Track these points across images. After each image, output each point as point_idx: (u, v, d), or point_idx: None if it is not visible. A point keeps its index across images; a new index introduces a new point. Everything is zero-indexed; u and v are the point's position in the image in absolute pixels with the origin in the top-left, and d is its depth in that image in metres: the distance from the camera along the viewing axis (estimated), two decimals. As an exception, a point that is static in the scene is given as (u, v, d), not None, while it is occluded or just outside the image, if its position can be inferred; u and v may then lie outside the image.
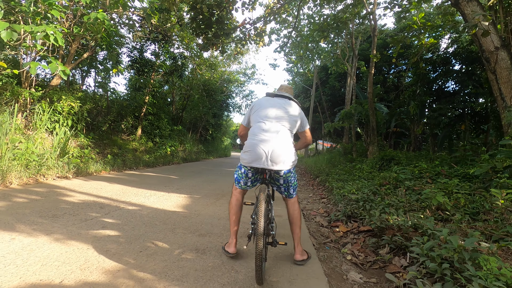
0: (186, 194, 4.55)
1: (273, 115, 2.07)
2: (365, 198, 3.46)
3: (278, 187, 2.16)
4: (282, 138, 2.02)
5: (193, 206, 3.75)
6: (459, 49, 8.26)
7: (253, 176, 2.11)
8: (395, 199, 3.23)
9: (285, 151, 1.99)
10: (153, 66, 13.39)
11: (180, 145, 15.22)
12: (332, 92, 19.61)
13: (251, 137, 2.05)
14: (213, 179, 6.75)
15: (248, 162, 2.02)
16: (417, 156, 7.70)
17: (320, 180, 6.59)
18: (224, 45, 10.43)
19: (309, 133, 2.31)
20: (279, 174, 2.05)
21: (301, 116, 2.19)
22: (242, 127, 2.34)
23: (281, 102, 2.16)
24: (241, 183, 2.14)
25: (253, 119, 2.14)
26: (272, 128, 2.03)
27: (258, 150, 1.96)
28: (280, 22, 14.42)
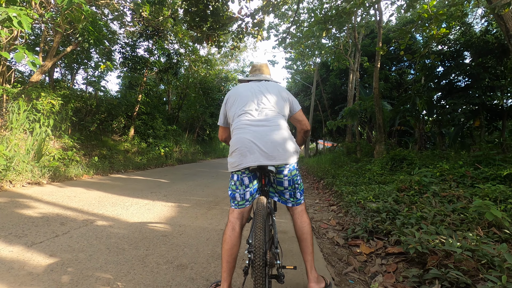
0: (174, 202, 3.91)
1: (256, 102, 1.66)
2: (387, 208, 2.83)
3: (281, 194, 1.67)
4: (276, 126, 1.60)
5: (179, 219, 3.11)
6: (474, 39, 7.64)
7: (251, 182, 1.58)
8: (427, 210, 2.61)
9: (283, 140, 1.56)
10: (146, 63, 12.76)
11: (175, 146, 14.58)
12: (333, 90, 18.99)
13: (235, 133, 1.62)
14: (207, 183, 6.11)
15: (238, 164, 1.54)
16: (430, 155, 7.08)
17: (326, 183, 5.96)
18: (220, 39, 9.80)
19: (303, 115, 1.85)
20: (283, 174, 1.58)
21: (289, 96, 1.77)
22: (221, 128, 1.88)
23: (260, 84, 1.75)
24: (237, 199, 1.60)
25: (231, 114, 1.70)
26: (259, 116, 1.62)
27: (247, 144, 1.52)
28: (279, 16, 13.83)
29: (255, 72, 1.90)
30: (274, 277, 1.39)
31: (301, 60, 19.65)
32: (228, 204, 3.98)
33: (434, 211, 2.63)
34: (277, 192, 1.69)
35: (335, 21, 9.98)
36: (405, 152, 6.76)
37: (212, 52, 22.36)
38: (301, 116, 1.83)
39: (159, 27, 11.07)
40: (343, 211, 3.73)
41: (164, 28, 11.34)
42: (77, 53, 9.12)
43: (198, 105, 19.00)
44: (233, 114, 1.68)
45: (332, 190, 5.40)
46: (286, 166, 1.58)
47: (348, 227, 2.94)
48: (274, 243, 1.48)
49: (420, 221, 2.44)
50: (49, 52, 7.57)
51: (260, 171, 1.56)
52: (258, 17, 8.74)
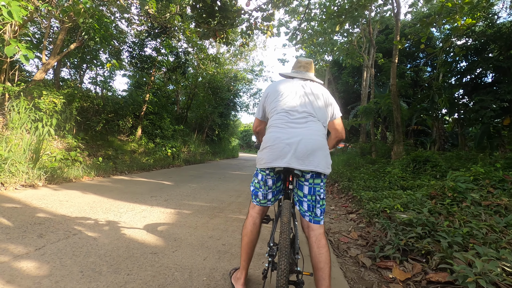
0: (173, 209, 3.53)
1: (297, 104, 1.57)
2: (422, 220, 2.36)
3: (300, 203, 1.54)
4: (314, 131, 1.52)
5: (176, 229, 2.72)
6: (504, 29, 6.99)
7: (274, 184, 1.57)
8: (475, 225, 2.12)
9: (318, 146, 1.47)
10: (154, 62, 12.54)
11: (183, 146, 14.33)
12: (345, 89, 18.37)
13: (270, 130, 1.58)
14: (213, 186, 5.73)
15: (267, 162, 1.49)
16: (456, 157, 6.49)
17: (341, 187, 5.48)
18: (228, 36, 9.43)
19: (342, 124, 1.74)
20: (305, 178, 1.48)
21: (332, 101, 1.68)
22: (257, 121, 1.81)
23: (304, 84, 1.65)
24: (259, 197, 1.60)
25: (270, 109, 1.65)
26: (298, 118, 1.54)
27: (280, 144, 1.47)
28: (289, 13, 13.37)
29: (299, 68, 1.77)
30: (293, 283, 1.35)
31: (312, 58, 19.12)
32: (233, 211, 3.58)
33: (482, 225, 2.15)
34: (297, 201, 1.56)
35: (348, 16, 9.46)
36: (428, 153, 6.20)
37: (221, 51, 22.10)
38: (340, 124, 1.73)
39: (166, 24, 10.80)
40: (364, 220, 3.26)
41: (171, 25, 11.06)
42: (83, 51, 8.93)
43: (207, 105, 18.73)
44: (272, 110, 1.63)
45: (348, 195, 4.92)
46: (312, 172, 1.47)
47: (374, 242, 2.48)
48: (294, 248, 1.40)
49: (468, 239, 1.96)
50: (53, 50, 7.39)
51: (286, 173, 1.50)
52: (267, 11, 8.31)
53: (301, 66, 1.78)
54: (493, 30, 7.71)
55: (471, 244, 1.88)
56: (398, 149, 8.03)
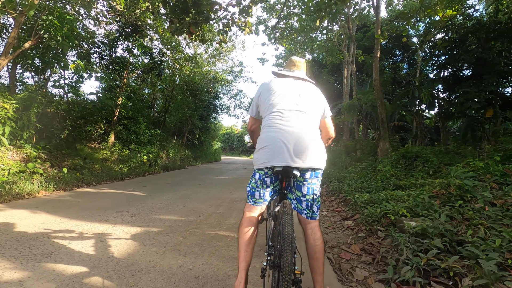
0: (141, 227, 2.96)
1: (290, 102, 1.57)
2: (439, 229, 1.96)
3: (298, 201, 1.58)
4: (308, 129, 1.53)
5: (137, 256, 2.17)
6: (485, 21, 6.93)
7: (272, 183, 1.57)
8: (506, 233, 1.74)
9: (313, 144, 1.49)
10: (126, 63, 11.76)
11: (161, 152, 13.56)
12: (326, 87, 18.21)
13: (265, 130, 1.55)
14: (191, 194, 5.16)
15: (265, 162, 1.48)
16: (444, 151, 6.30)
17: (331, 189, 5.08)
18: (204, 32, 8.89)
19: (332, 123, 1.82)
20: (304, 178, 1.51)
21: (324, 100, 1.73)
22: (252, 119, 1.81)
23: (296, 84, 1.66)
24: (255, 196, 1.58)
25: (264, 108, 1.63)
26: (292, 117, 1.53)
27: (277, 143, 1.47)
28: (267, 10, 13.00)
29: (292, 67, 1.78)
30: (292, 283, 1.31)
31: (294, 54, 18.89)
32: (212, 226, 3.05)
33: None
34: (294, 199, 1.61)
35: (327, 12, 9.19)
36: (417, 149, 5.96)
37: (198, 52, 21.44)
38: (330, 123, 1.80)
39: (137, 22, 10.09)
40: (363, 229, 2.84)
41: (142, 23, 10.36)
42: (44, 52, 8.07)
43: (186, 108, 18.01)
44: (265, 109, 1.63)
45: (340, 197, 4.53)
46: (309, 170, 1.52)
47: (381, 258, 2.05)
48: (292, 248, 1.35)
49: (504, 252, 1.57)
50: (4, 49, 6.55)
51: (284, 173, 1.52)
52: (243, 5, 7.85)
53: (294, 65, 1.78)
54: (472, 22, 7.67)
55: (510, 261, 1.49)
56: (384, 145, 7.80)
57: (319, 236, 1.55)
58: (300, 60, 1.81)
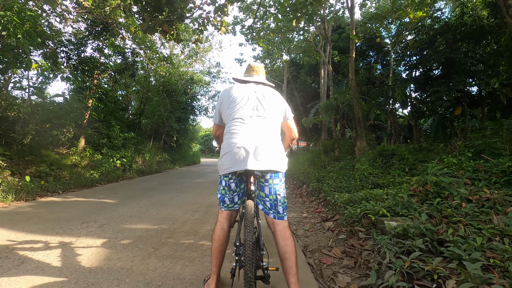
0: (108, 238, 2.72)
1: (250, 108, 1.62)
2: (420, 229, 1.91)
3: (264, 202, 1.63)
4: (268, 133, 1.60)
5: (99, 277, 1.95)
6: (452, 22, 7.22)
7: (238, 187, 1.64)
8: (486, 231, 1.71)
9: (273, 147, 1.57)
10: (96, 64, 11.18)
11: (137, 156, 13.03)
12: (303, 88, 18.43)
13: (227, 137, 1.61)
14: (166, 200, 4.91)
15: (228, 167, 1.55)
16: (418, 149, 6.47)
17: (311, 189, 5.03)
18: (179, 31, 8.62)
19: (294, 123, 1.86)
20: (265, 179, 1.58)
21: (284, 103, 1.77)
22: (215, 126, 1.86)
23: (257, 89, 1.70)
24: (226, 202, 1.64)
25: (226, 115, 1.68)
26: (253, 122, 1.59)
27: (238, 149, 1.52)
28: (243, 10, 12.89)
29: (251, 72, 1.83)
30: (260, 278, 1.45)
31: (270, 58, 18.91)
32: (187, 234, 2.87)
33: (492, 231, 1.75)
34: (260, 200, 1.66)
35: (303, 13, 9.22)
36: (393, 147, 6.07)
37: (174, 52, 20.93)
38: (292, 124, 1.84)
39: (106, 20, 9.60)
40: (344, 230, 2.77)
41: (112, 21, 9.87)
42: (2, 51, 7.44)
43: (163, 110, 17.47)
44: (227, 116, 1.67)
45: (319, 197, 4.48)
46: (269, 172, 1.57)
47: (363, 261, 1.98)
48: (259, 245, 1.50)
49: (485, 251, 1.53)
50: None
51: (247, 175, 1.60)
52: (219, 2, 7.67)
53: (253, 71, 1.82)
54: (440, 24, 7.99)
55: (492, 260, 1.45)
56: (361, 144, 7.91)
57: (288, 236, 1.57)
58: (259, 65, 1.85)
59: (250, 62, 1.89)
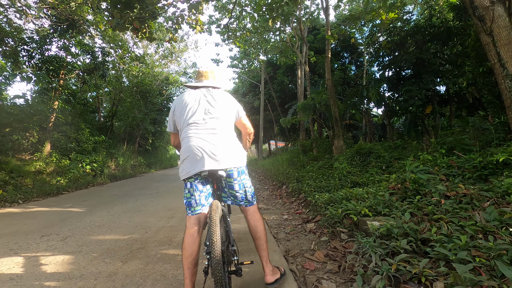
0: (71, 252, 2.45)
1: (202, 112, 1.67)
2: (404, 229, 1.86)
3: (234, 197, 1.76)
4: (223, 133, 1.66)
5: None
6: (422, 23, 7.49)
7: (204, 187, 1.66)
8: (470, 229, 1.69)
9: (230, 146, 1.66)
10: (62, 63, 10.51)
11: (109, 160, 12.40)
12: (281, 88, 18.51)
13: (185, 141, 1.65)
14: (139, 206, 4.63)
15: (190, 171, 1.59)
16: (393, 146, 6.63)
17: (291, 190, 4.95)
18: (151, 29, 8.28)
19: (247, 120, 1.94)
20: (233, 178, 1.68)
21: (234, 102, 1.84)
22: (172, 135, 1.93)
23: (206, 92, 1.75)
24: (193, 205, 1.63)
25: (180, 121, 1.73)
26: (207, 125, 1.65)
27: (196, 151, 1.57)
28: (219, 9, 12.69)
29: (201, 78, 1.88)
30: (233, 272, 1.51)
31: (247, 59, 18.83)
32: (160, 243, 2.66)
33: (474, 228, 1.73)
34: (230, 196, 1.77)
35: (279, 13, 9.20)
36: (370, 145, 6.16)
37: (148, 52, 20.26)
38: (246, 121, 1.92)
39: (72, 16, 9.03)
40: (326, 231, 2.70)
41: (79, 18, 9.30)
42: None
43: (137, 111, 16.80)
44: (181, 123, 1.71)
45: (300, 198, 4.41)
46: (235, 169, 1.67)
47: (347, 265, 1.90)
48: (230, 241, 1.55)
49: (470, 249, 1.49)
50: None
51: (212, 176, 1.64)
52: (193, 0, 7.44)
53: (202, 76, 1.88)
54: (410, 26, 8.27)
55: (478, 259, 1.41)
56: (339, 143, 8.00)
57: (258, 217, 1.76)
58: (207, 70, 1.90)
59: (199, 68, 1.94)
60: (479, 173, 3.14)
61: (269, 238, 2.48)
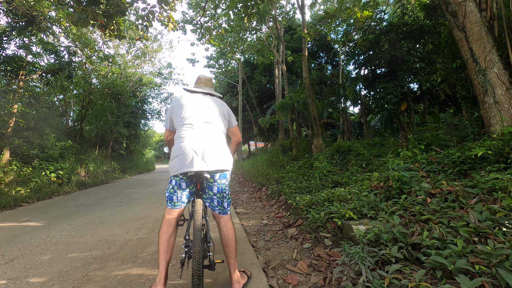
0: (14, 278, 2.08)
1: (199, 115, 1.81)
2: (393, 233, 1.69)
3: (211, 200, 1.85)
4: (215, 137, 1.79)
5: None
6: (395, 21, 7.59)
7: (188, 186, 1.80)
8: (464, 232, 1.54)
9: (220, 150, 1.77)
10: (22, 63, 9.69)
11: (79, 167, 11.62)
12: (259, 88, 18.35)
13: (178, 140, 1.77)
14: (107, 217, 4.22)
15: (178, 168, 1.70)
16: (371, 144, 6.63)
17: (270, 192, 4.75)
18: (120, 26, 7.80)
19: (238, 130, 2.10)
20: (214, 179, 1.79)
21: (229, 112, 2.01)
22: (167, 131, 2.04)
23: (204, 99, 1.92)
24: (174, 200, 1.78)
25: (177, 121, 1.85)
26: (201, 129, 1.78)
27: (188, 151, 1.69)
28: (193, 7, 12.31)
29: (200, 84, 2.04)
30: (207, 267, 1.65)
31: (224, 58, 18.50)
32: (123, 261, 2.33)
33: (466, 229, 1.58)
34: (208, 198, 1.85)
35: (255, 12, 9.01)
36: (349, 143, 6.10)
37: (120, 52, 19.38)
38: (236, 130, 2.08)
39: (31, 12, 8.31)
40: (308, 237, 2.50)
41: (39, 14, 8.59)
42: None
43: (109, 115, 15.95)
44: (178, 122, 1.83)
45: (280, 200, 4.21)
46: (218, 172, 1.77)
47: (333, 277, 1.70)
48: (207, 239, 1.73)
49: (467, 256, 1.33)
50: None
51: (197, 177, 1.74)
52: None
53: (201, 82, 2.03)
54: (384, 24, 8.38)
55: (478, 266, 1.25)
56: (318, 142, 7.93)
57: (230, 226, 1.82)
58: (207, 77, 2.06)
59: (199, 74, 2.08)
60: (459, 168, 3.09)
61: (247, 249, 2.45)
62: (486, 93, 4.17)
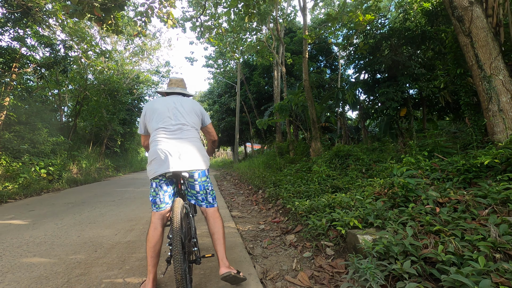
0: (-12, 284, 1.90)
1: (171, 117, 1.86)
2: (405, 246, 1.55)
3: (196, 197, 1.90)
4: (189, 138, 1.85)
5: None
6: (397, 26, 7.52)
7: (168, 187, 1.83)
8: (483, 246, 1.41)
9: (195, 150, 1.83)
10: (15, 55, 9.45)
11: (71, 163, 11.34)
12: (257, 90, 18.22)
13: (153, 144, 1.82)
14: (96, 217, 4.04)
15: (156, 171, 1.75)
16: (371, 149, 6.52)
17: (268, 195, 4.60)
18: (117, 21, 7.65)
19: (212, 128, 2.15)
20: (194, 178, 1.84)
21: (201, 110, 2.03)
22: (142, 137, 2.09)
23: (176, 100, 1.95)
24: (157, 203, 1.81)
25: (150, 126, 1.90)
26: (175, 130, 1.83)
27: (163, 154, 1.74)
28: (193, 5, 12.16)
29: (172, 85, 2.10)
30: (193, 261, 1.70)
31: (222, 58, 18.37)
32: (109, 267, 2.16)
33: (484, 244, 1.45)
34: (193, 196, 1.90)
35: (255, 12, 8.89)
36: (348, 147, 5.99)
37: (118, 49, 19.15)
38: (211, 129, 2.12)
39: (26, 3, 8.09)
40: (308, 245, 2.36)
41: (34, 5, 8.37)
42: None
43: (104, 111, 15.69)
44: (151, 127, 1.88)
45: (277, 204, 4.06)
46: (196, 171, 1.82)
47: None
48: (192, 235, 1.77)
49: (489, 275, 1.20)
50: None
51: (176, 177, 1.81)
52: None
53: (173, 84, 2.11)
54: (386, 29, 8.31)
55: (502, 287, 1.12)
56: (316, 145, 7.81)
57: (217, 217, 1.88)
58: (178, 78, 2.13)
59: (170, 76, 2.11)
60: (464, 176, 2.98)
61: (243, 256, 2.33)
62: (491, 100, 4.08)
